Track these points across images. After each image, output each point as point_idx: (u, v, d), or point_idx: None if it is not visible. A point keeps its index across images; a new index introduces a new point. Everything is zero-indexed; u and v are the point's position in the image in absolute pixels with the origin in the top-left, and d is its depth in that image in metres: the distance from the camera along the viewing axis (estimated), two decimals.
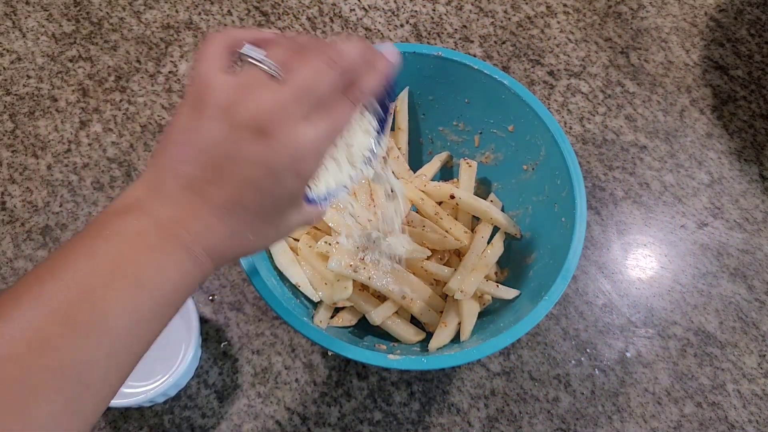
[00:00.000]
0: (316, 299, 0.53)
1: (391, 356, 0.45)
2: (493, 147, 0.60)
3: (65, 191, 0.63)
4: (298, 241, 0.55)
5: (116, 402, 0.49)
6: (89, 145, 0.65)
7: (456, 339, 0.52)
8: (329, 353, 0.57)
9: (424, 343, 0.53)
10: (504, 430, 0.56)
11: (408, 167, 0.61)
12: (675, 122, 0.72)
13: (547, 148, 0.54)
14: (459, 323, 0.52)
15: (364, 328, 0.54)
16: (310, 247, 0.54)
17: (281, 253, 0.52)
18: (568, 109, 0.72)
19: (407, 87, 0.59)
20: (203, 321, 0.57)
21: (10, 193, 0.62)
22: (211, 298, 0.59)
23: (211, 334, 0.57)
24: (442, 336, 0.51)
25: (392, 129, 0.60)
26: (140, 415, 0.54)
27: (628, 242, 0.65)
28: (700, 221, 0.66)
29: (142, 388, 0.52)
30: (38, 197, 0.62)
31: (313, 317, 0.52)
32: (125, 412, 0.54)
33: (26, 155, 0.64)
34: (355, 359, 0.45)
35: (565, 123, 0.71)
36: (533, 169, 0.56)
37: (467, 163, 0.59)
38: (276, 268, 0.52)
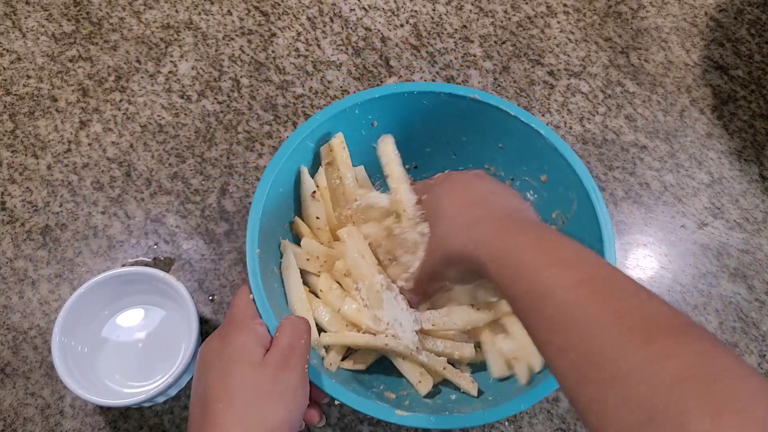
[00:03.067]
0: (321, 354, 0.51)
1: (399, 412, 0.44)
2: (525, 195, 0.57)
3: (65, 191, 0.63)
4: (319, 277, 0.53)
5: (116, 402, 0.49)
6: (89, 145, 0.65)
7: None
8: None
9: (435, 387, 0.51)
10: (504, 430, 0.56)
11: None
12: (675, 122, 0.72)
13: (580, 203, 0.52)
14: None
15: (376, 370, 0.53)
16: (330, 289, 0.52)
17: (297, 299, 0.51)
18: (568, 109, 0.72)
19: (439, 123, 0.57)
20: (203, 321, 0.57)
21: (10, 193, 0.62)
22: (211, 298, 0.59)
23: (211, 334, 0.57)
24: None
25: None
26: (140, 415, 0.54)
27: (628, 242, 0.65)
28: (700, 221, 0.66)
29: (142, 388, 0.52)
30: (38, 197, 0.62)
31: (323, 359, 0.50)
32: (125, 412, 0.54)
33: (26, 155, 0.64)
34: (363, 412, 0.44)
35: (565, 123, 0.71)
36: (563, 222, 0.54)
37: None
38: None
